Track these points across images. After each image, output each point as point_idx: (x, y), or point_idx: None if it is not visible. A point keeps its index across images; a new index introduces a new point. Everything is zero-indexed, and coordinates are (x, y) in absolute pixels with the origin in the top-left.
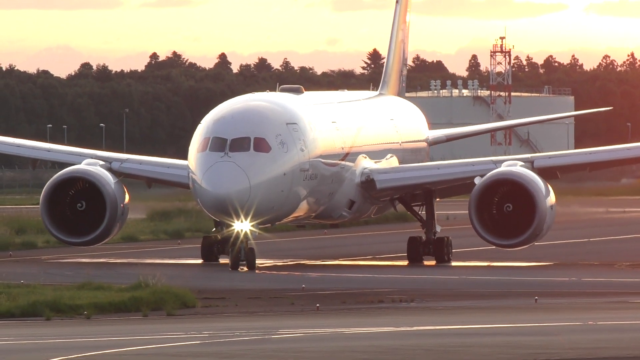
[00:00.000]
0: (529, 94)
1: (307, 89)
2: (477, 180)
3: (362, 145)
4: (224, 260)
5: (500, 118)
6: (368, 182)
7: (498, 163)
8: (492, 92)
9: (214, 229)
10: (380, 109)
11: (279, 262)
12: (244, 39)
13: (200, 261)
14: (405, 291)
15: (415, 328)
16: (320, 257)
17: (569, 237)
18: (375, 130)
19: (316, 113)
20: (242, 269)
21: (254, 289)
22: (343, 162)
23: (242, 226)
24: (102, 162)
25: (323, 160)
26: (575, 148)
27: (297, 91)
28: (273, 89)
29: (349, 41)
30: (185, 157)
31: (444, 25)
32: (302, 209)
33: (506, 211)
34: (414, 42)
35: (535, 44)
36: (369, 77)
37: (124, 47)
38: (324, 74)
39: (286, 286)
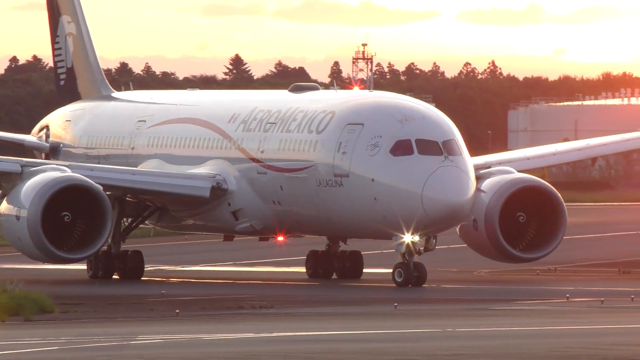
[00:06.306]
0: None
1: None
2: (488, 188)
3: None
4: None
5: None
6: None
7: None
8: None
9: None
10: None
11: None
12: (110, 43)
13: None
14: (265, 297)
15: (275, 334)
16: (181, 263)
17: None
18: None
19: None
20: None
21: (113, 295)
22: None
23: (411, 238)
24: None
25: None
26: None
27: (315, 89)
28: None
29: (218, 47)
30: None
31: (314, 31)
32: None
33: (521, 221)
34: (279, 48)
35: (399, 51)
36: (231, 82)
37: None
38: (185, 79)
39: (146, 292)
